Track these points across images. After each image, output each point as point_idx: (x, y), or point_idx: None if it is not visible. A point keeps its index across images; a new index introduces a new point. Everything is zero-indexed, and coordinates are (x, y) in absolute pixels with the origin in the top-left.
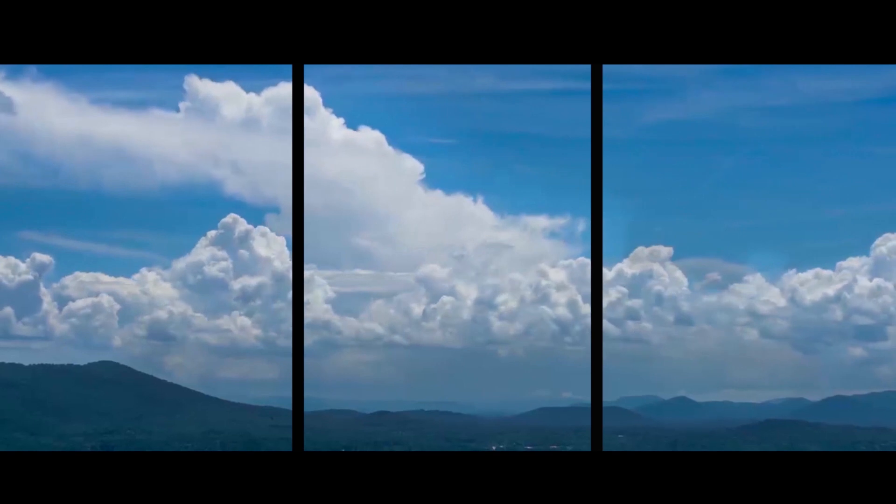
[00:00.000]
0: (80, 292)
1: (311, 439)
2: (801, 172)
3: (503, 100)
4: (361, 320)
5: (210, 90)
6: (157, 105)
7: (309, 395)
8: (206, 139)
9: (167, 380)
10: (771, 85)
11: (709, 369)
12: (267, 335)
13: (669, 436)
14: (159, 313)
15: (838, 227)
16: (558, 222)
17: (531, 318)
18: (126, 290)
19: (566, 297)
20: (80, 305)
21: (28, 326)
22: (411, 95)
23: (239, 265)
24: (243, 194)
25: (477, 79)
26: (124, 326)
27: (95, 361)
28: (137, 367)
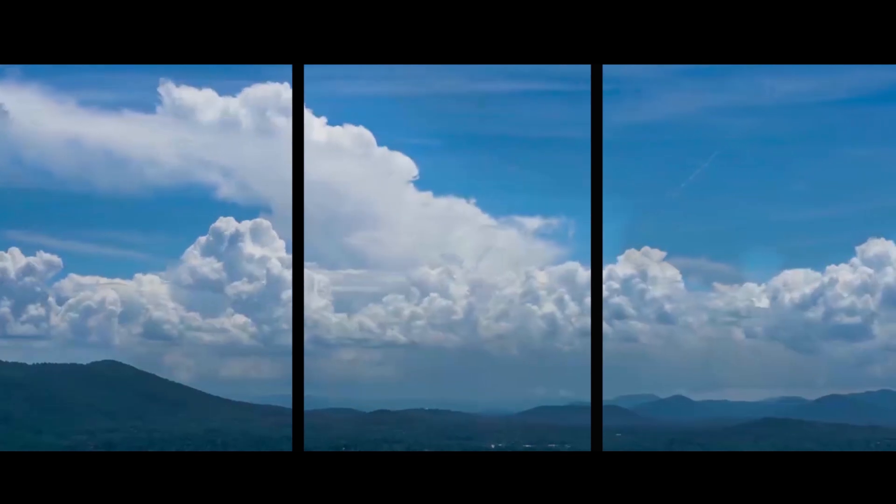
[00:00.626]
0: (80, 292)
1: (313, 437)
2: (774, 173)
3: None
4: (358, 320)
5: (185, 95)
6: (132, 107)
7: (310, 394)
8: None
9: (169, 378)
10: (737, 85)
11: (705, 368)
12: (267, 335)
13: (667, 434)
14: (159, 313)
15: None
16: (551, 223)
17: (525, 318)
18: (125, 291)
19: (561, 297)
20: (81, 305)
21: (28, 326)
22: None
23: (235, 265)
24: (235, 195)
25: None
26: (125, 326)
27: (98, 361)
28: (139, 367)
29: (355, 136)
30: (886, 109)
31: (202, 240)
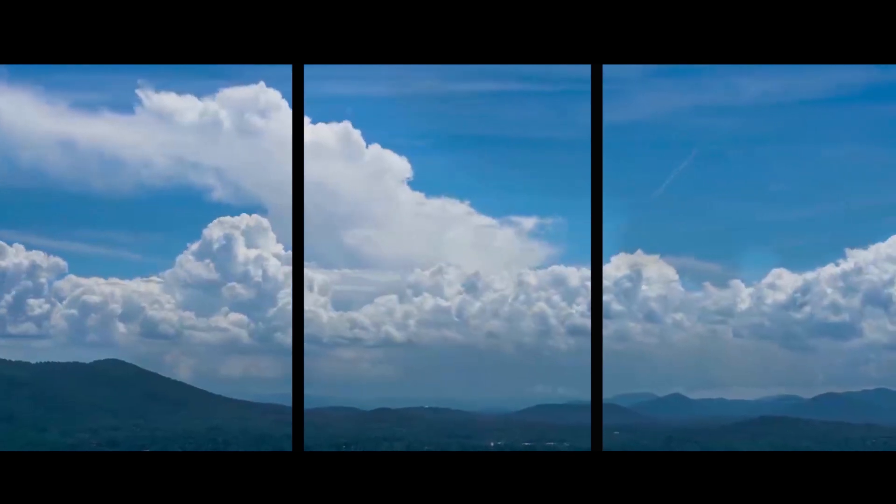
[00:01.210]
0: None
1: (314, 435)
2: (754, 172)
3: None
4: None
5: (164, 98)
6: (112, 108)
7: (310, 392)
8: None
9: (171, 377)
10: (711, 85)
11: (700, 367)
12: (266, 334)
13: (665, 432)
14: (158, 313)
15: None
16: (546, 222)
17: (522, 317)
18: (125, 291)
19: (558, 296)
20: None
21: (28, 325)
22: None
23: (233, 265)
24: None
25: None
26: (125, 325)
27: (101, 359)
28: (142, 365)
29: (342, 135)
30: (864, 109)
31: (197, 241)
